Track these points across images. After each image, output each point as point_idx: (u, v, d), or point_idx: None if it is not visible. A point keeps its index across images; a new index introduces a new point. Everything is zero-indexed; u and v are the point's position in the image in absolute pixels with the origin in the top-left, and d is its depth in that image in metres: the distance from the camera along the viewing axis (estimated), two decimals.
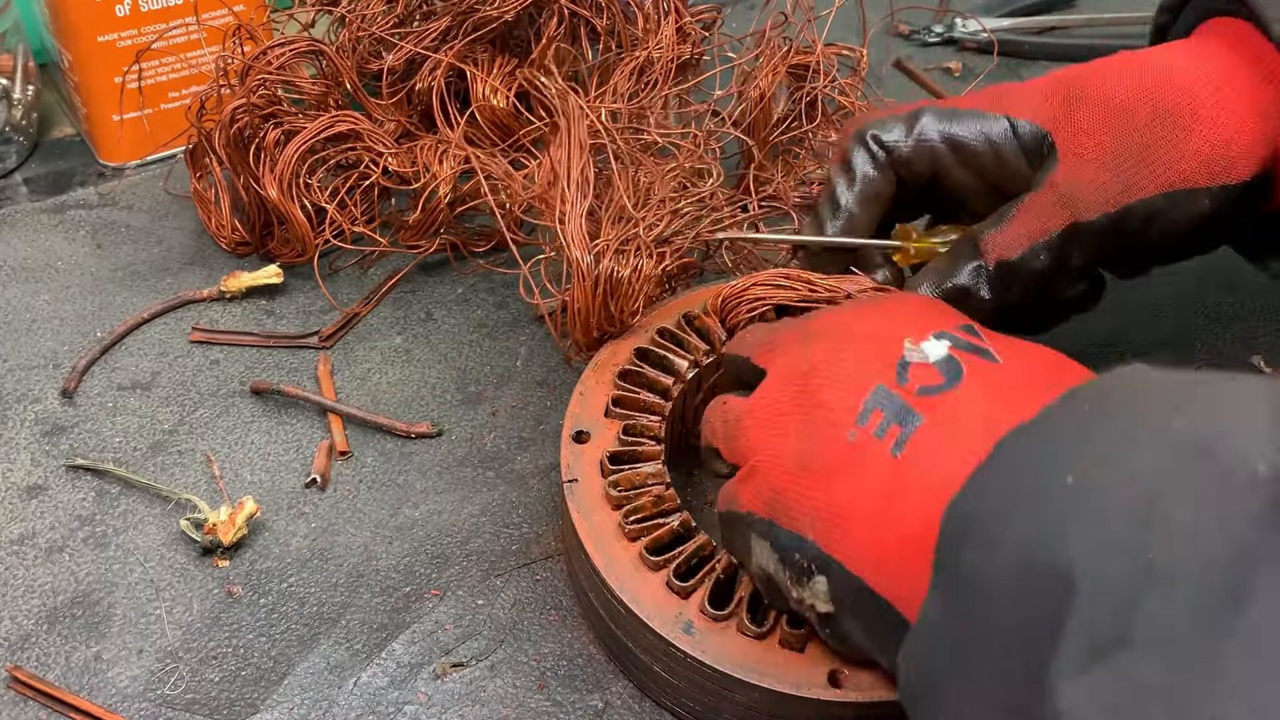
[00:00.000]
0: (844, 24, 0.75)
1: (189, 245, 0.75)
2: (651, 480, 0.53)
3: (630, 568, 0.50)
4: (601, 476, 0.53)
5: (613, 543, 0.51)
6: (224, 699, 0.52)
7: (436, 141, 0.71)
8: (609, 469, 0.53)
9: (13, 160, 0.81)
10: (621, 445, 0.54)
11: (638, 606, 0.49)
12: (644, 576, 0.50)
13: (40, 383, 0.65)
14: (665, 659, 0.49)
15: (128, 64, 0.76)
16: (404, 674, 0.53)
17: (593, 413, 0.55)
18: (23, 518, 0.59)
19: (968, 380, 0.42)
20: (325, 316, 0.71)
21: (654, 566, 0.50)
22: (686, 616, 0.48)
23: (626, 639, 0.50)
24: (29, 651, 0.53)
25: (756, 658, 0.47)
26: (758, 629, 0.48)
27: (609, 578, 0.50)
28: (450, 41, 0.73)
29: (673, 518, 0.51)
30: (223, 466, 0.62)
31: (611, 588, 0.49)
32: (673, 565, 0.50)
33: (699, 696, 0.49)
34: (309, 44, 0.71)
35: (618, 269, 0.56)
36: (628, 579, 0.50)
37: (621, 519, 0.51)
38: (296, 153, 0.68)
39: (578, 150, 0.58)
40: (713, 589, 0.49)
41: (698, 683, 0.48)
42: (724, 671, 0.47)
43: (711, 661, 0.47)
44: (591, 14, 0.75)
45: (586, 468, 0.53)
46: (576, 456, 0.54)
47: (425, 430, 0.64)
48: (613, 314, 0.57)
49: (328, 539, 0.58)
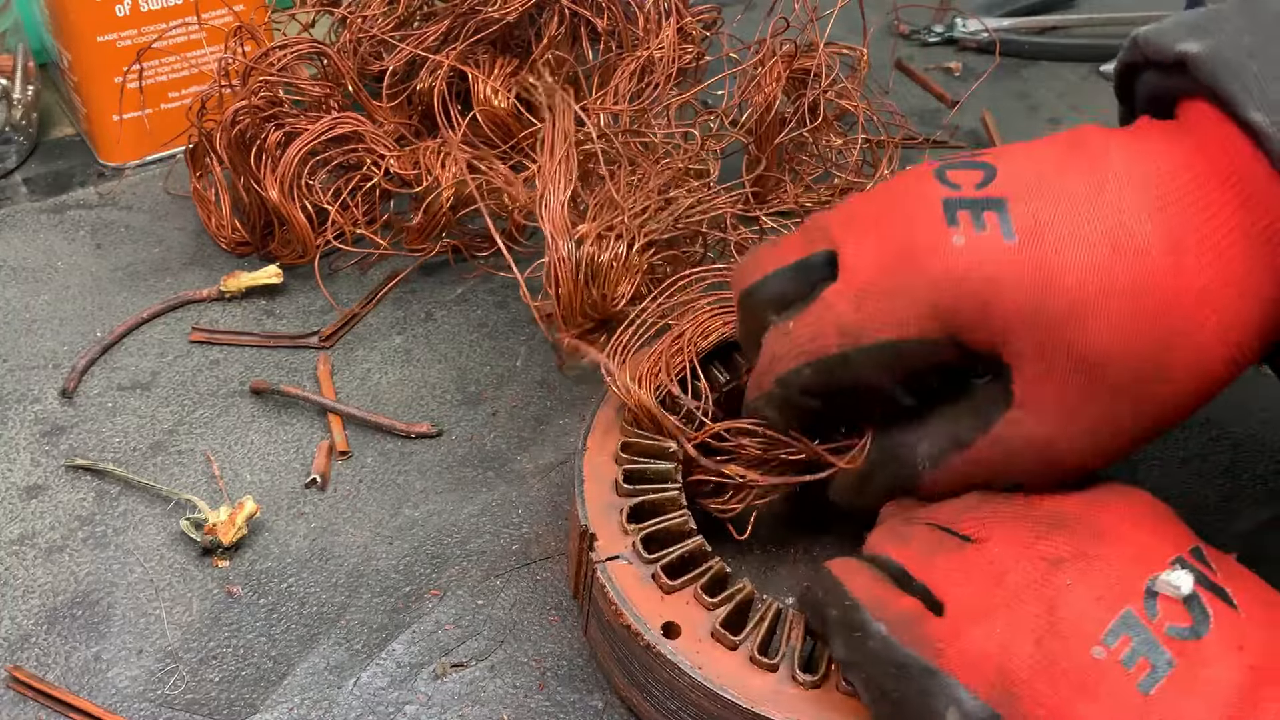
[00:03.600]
0: (844, 24, 0.75)
1: (189, 245, 0.75)
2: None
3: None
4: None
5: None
6: (224, 699, 0.51)
7: (440, 144, 0.71)
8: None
9: (13, 160, 0.81)
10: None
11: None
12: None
13: (40, 383, 0.65)
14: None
15: (128, 64, 0.76)
16: (404, 674, 0.53)
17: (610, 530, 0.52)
18: (23, 518, 0.59)
19: (1215, 631, 0.41)
20: (325, 316, 0.71)
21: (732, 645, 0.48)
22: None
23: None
24: (29, 651, 0.53)
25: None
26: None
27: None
28: (451, 43, 0.73)
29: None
30: (222, 466, 0.62)
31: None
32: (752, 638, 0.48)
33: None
34: (310, 45, 0.71)
35: (598, 254, 0.56)
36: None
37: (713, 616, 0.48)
38: (298, 154, 0.68)
39: (561, 139, 0.58)
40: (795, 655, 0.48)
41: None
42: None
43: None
44: (592, 14, 0.75)
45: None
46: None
47: (425, 430, 0.64)
48: (596, 299, 0.57)
49: (328, 539, 0.58)
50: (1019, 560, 0.44)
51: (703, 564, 0.50)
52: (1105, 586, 0.42)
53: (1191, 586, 0.42)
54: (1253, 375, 0.46)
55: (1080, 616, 0.41)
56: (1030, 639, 0.41)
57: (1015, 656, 0.41)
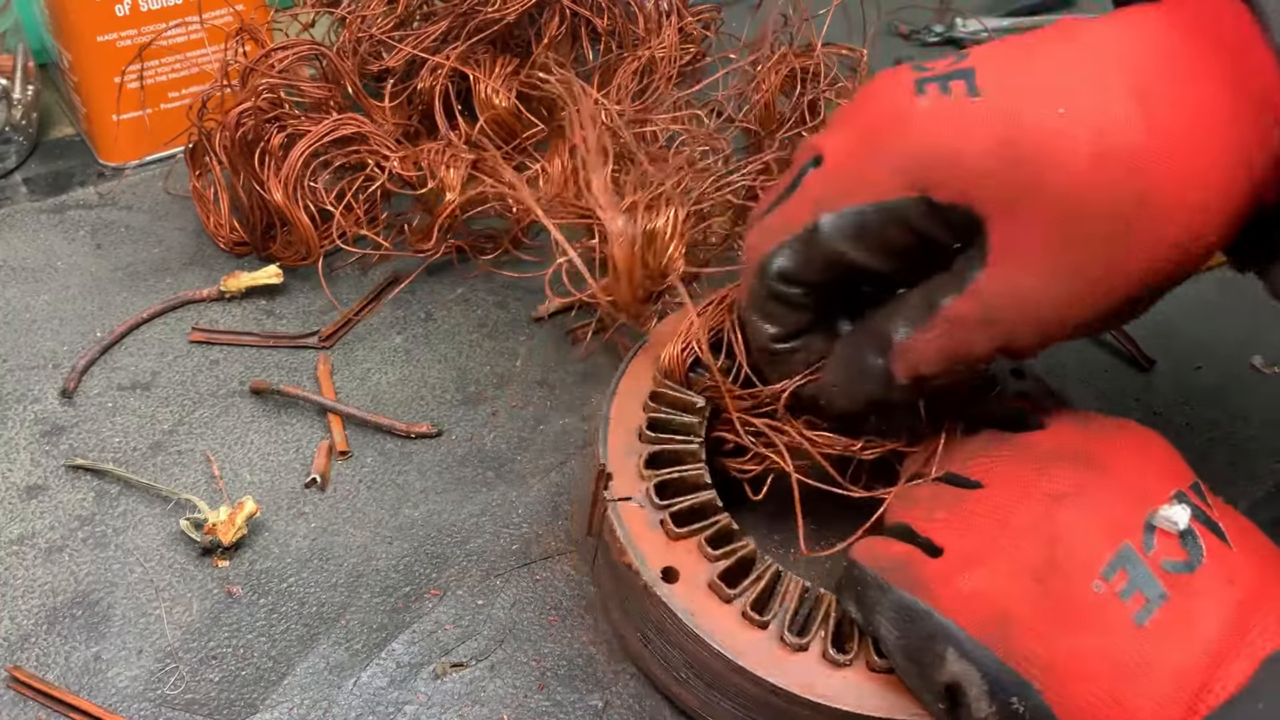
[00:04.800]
0: (844, 24, 0.75)
1: (189, 245, 0.75)
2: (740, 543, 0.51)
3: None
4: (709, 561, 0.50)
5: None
6: (224, 699, 0.51)
7: (444, 146, 0.71)
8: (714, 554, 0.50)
9: (13, 160, 0.81)
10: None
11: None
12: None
13: (40, 383, 0.65)
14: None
15: (128, 64, 0.76)
16: (404, 674, 0.53)
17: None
18: (23, 518, 0.58)
19: (1208, 565, 0.43)
20: (325, 316, 0.71)
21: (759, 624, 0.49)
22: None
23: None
24: (29, 651, 0.53)
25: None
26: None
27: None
28: (451, 43, 0.73)
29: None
30: (222, 466, 0.62)
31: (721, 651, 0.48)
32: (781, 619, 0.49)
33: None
34: (310, 47, 0.71)
35: (650, 221, 0.56)
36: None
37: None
38: (301, 156, 0.68)
39: (590, 122, 0.58)
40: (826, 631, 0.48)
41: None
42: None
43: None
44: (592, 14, 0.75)
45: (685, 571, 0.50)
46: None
47: (425, 430, 0.64)
48: (652, 269, 0.57)
49: (327, 539, 0.58)
50: (1022, 500, 0.45)
51: (711, 517, 0.51)
52: (1105, 521, 0.43)
53: (1188, 521, 0.43)
54: (1253, 376, 0.46)
55: (1081, 551, 0.43)
56: (1031, 577, 0.43)
57: (1016, 595, 0.43)
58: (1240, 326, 0.76)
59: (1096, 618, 0.42)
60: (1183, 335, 0.75)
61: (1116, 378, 0.71)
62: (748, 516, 0.58)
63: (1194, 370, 0.72)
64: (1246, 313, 0.77)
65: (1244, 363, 0.73)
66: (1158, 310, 0.79)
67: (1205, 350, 0.74)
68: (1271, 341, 0.75)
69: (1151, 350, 0.73)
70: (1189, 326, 0.76)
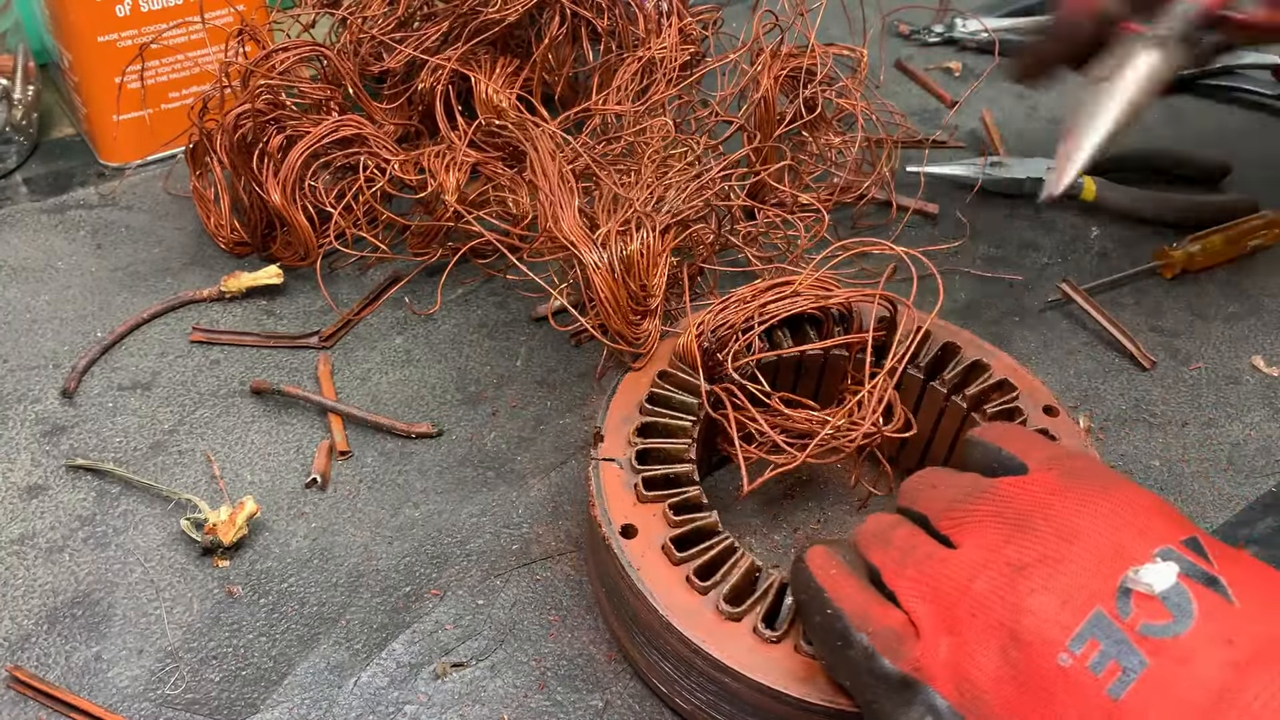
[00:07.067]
0: (844, 24, 0.75)
1: (189, 245, 0.75)
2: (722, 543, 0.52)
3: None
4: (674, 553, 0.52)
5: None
6: (224, 699, 0.52)
7: (445, 148, 0.71)
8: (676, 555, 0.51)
9: (13, 160, 0.81)
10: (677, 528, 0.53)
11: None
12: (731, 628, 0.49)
13: (40, 383, 0.65)
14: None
15: (128, 64, 0.76)
16: (404, 674, 0.53)
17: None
18: (23, 518, 0.59)
19: (1199, 624, 0.39)
20: (325, 317, 0.71)
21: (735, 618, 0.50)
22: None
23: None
24: (29, 651, 0.53)
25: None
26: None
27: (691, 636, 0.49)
28: (451, 44, 0.73)
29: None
30: (223, 466, 0.62)
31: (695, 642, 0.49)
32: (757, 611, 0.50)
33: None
34: (311, 48, 0.71)
35: (624, 247, 0.57)
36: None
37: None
38: (300, 158, 0.68)
39: (550, 160, 0.59)
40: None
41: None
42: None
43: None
44: (592, 14, 0.75)
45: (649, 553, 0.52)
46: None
47: (425, 430, 0.64)
48: (635, 292, 0.58)
49: (328, 539, 0.58)
50: (986, 566, 0.44)
51: (683, 487, 0.53)
52: (1071, 589, 0.41)
53: (1170, 581, 0.40)
54: (1253, 376, 0.46)
55: (1044, 623, 0.41)
56: (995, 649, 0.42)
57: (981, 667, 0.42)
58: (1240, 326, 0.76)
59: (1065, 693, 0.40)
60: (1183, 335, 0.75)
61: (1117, 378, 0.71)
62: (747, 505, 0.60)
63: (1194, 370, 0.73)
64: (1246, 313, 0.77)
65: (1244, 363, 0.73)
66: (1158, 310, 0.79)
67: (1205, 350, 0.74)
68: (1271, 341, 0.75)
69: (1151, 350, 0.73)
70: (1189, 327, 0.76)
